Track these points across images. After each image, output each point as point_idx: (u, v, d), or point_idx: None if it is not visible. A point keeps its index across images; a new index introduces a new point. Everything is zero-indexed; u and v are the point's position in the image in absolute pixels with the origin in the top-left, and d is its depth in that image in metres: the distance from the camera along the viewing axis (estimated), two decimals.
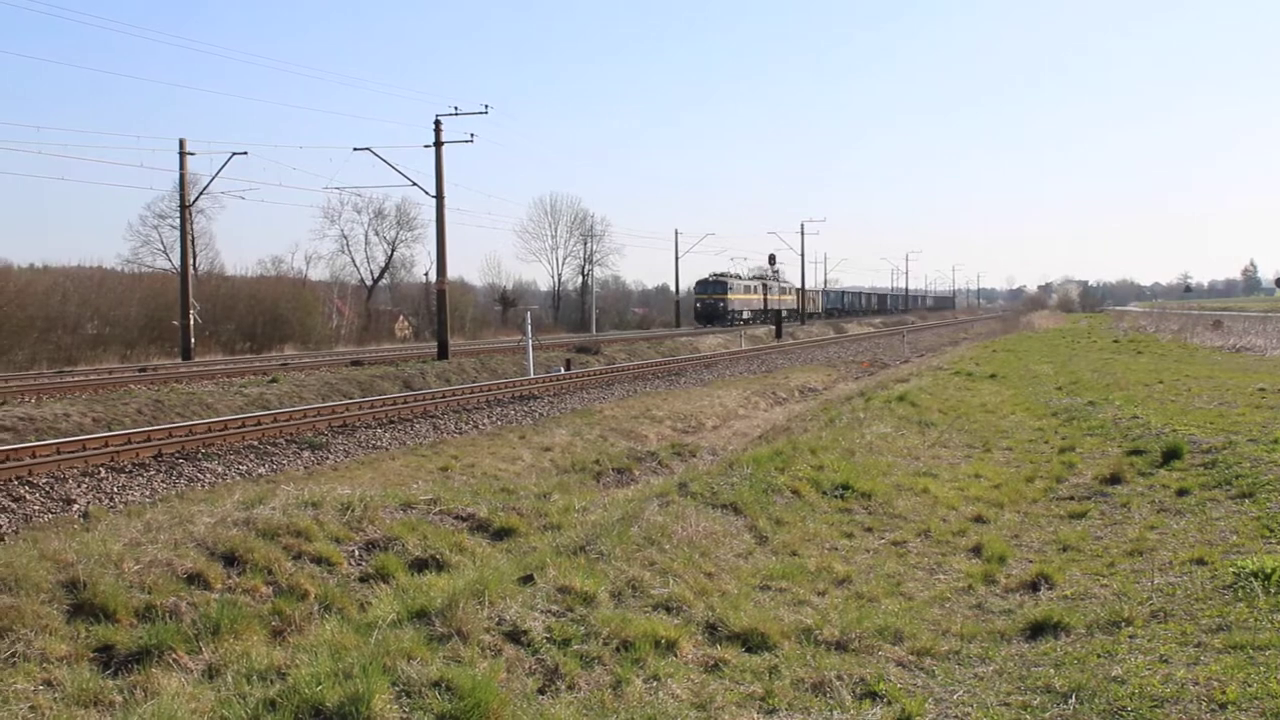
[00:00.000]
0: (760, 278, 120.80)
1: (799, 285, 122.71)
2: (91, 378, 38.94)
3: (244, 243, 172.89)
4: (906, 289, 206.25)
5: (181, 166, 56.58)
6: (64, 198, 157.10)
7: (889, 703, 8.53)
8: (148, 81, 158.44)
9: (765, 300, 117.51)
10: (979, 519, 15.12)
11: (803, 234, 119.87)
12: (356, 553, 12.50)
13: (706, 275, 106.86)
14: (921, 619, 10.65)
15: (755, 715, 8.31)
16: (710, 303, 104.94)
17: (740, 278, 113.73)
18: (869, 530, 14.55)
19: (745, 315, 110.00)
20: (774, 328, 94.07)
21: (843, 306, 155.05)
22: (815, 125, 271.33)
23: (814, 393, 42.51)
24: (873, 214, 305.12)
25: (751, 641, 9.84)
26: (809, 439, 20.56)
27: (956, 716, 8.26)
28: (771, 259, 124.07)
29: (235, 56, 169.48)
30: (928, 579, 12.28)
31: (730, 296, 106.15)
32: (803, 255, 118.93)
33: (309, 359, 47.38)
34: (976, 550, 13.28)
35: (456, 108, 51.38)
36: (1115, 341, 65.81)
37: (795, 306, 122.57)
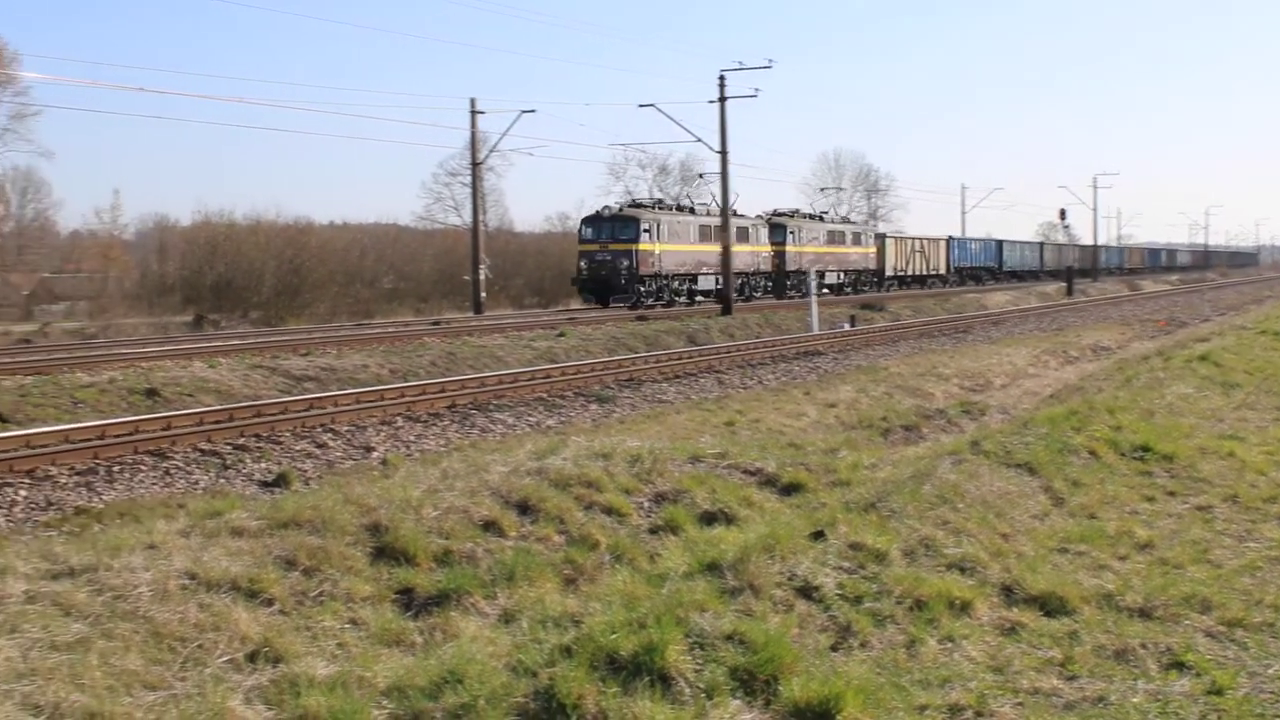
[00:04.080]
0: (847, 224, 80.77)
1: (1082, 241, 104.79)
2: (388, 330, 40.33)
3: (532, 199, 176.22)
4: (1206, 244, 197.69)
5: (472, 125, 57.94)
6: (361, 157, 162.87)
7: (1198, 674, 8.13)
8: (440, 42, 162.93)
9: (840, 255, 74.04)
10: None
11: (1095, 188, 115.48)
12: (646, 504, 12.57)
13: (607, 207, 57.46)
14: (1231, 588, 10.12)
15: (1055, 681, 8.03)
16: (600, 260, 54.34)
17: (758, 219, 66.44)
18: (1171, 494, 13.93)
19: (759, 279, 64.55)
20: (1065, 284, 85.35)
21: (1122, 263, 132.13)
22: (1110, 74, 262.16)
23: (1107, 351, 41.11)
24: (1166, 167, 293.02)
25: (1049, 605, 9.53)
26: (1105, 398, 19.84)
27: (1273, 692, 7.81)
28: (1062, 214, 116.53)
29: (523, 15, 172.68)
30: (1236, 546, 11.69)
31: (643, 248, 53.68)
32: (1095, 209, 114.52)
33: (595, 313, 48.13)
34: None
35: (740, 62, 50.84)
36: None
37: (874, 266, 78.33)
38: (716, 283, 57.10)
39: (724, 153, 51.79)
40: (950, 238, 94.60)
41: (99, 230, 73.51)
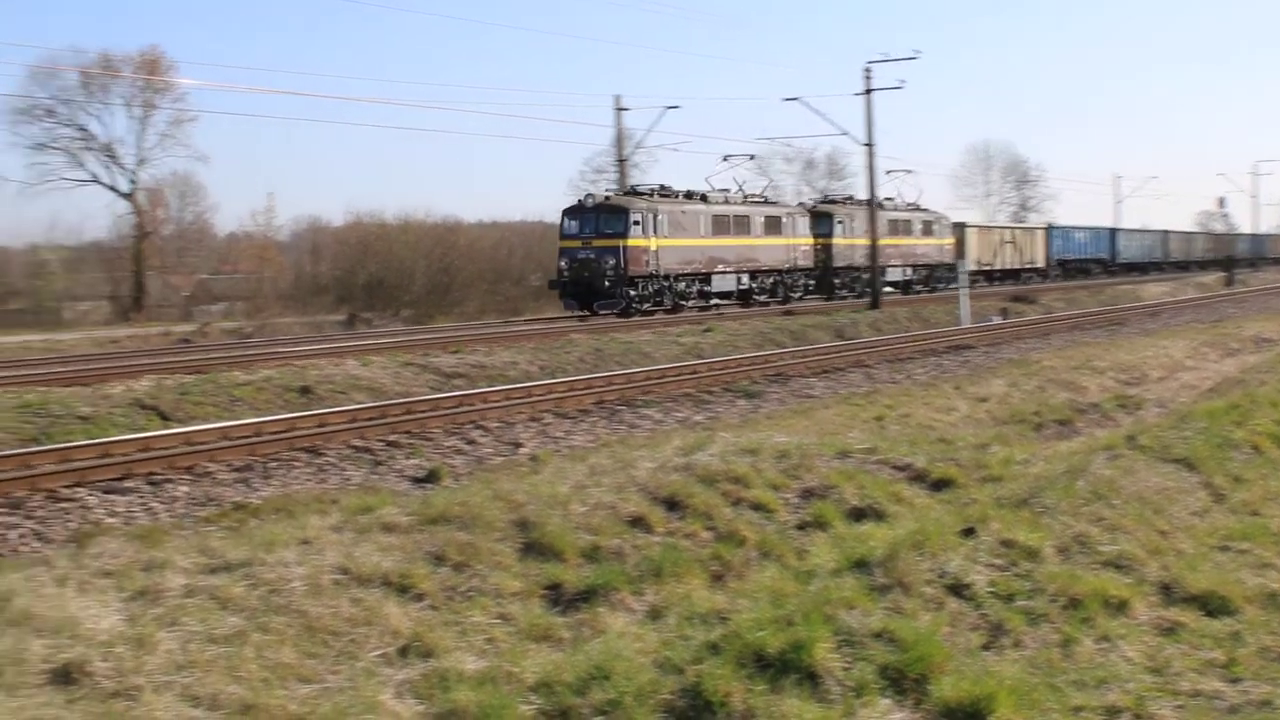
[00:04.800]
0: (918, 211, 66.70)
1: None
2: (536, 327, 40.64)
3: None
4: None
5: (617, 122, 58.04)
6: (508, 155, 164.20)
7: None
8: (585, 40, 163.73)
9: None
10: None
11: (1255, 175, 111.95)
12: (793, 500, 12.48)
13: (590, 195, 47.88)
14: None
15: (1217, 683, 7.82)
16: (582, 259, 45.71)
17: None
18: None
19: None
20: (1224, 274, 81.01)
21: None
22: (1272, 58, 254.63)
23: (1269, 344, 39.92)
24: None
25: (1210, 605, 9.28)
26: (1268, 391, 19.28)
27: None
28: (1221, 202, 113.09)
29: (667, 11, 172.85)
30: None
31: (633, 243, 45.28)
32: (1255, 197, 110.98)
33: (740, 309, 48.00)
34: None
35: (886, 54, 50.31)
36: None
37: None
38: (738, 282, 50.82)
39: (870, 145, 51.31)
40: (1050, 226, 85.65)
41: (254, 232, 75.27)
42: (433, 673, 7.72)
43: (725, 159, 56.46)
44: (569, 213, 46.77)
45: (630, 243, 45.10)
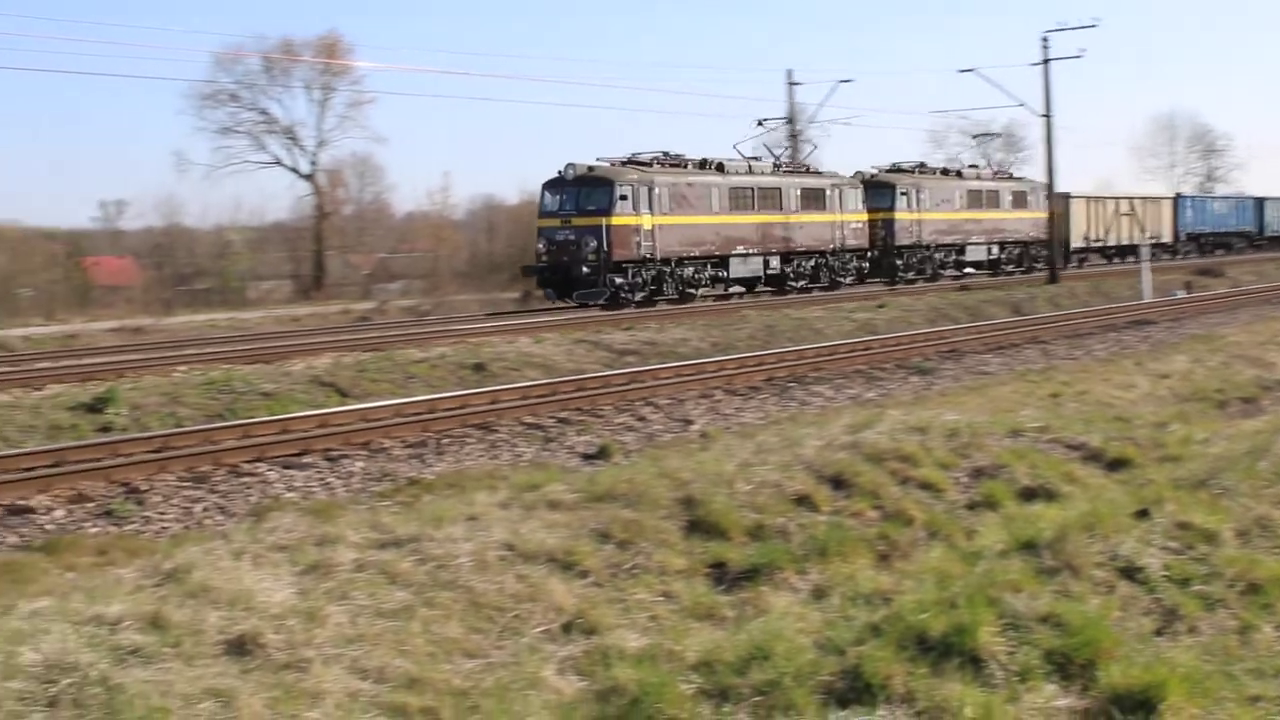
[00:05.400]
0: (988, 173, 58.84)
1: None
2: (708, 304, 40.63)
3: (851, 169, 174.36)
4: None
5: (790, 96, 57.71)
6: (677, 130, 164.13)
7: None
8: (756, 14, 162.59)
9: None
10: None
11: None
12: (963, 480, 12.29)
13: (570, 165, 39.56)
14: None
15: None
16: (560, 240, 38.96)
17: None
18: None
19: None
20: None
21: None
22: None
23: None
24: None
25: None
26: None
27: None
28: None
29: None
30: None
31: (619, 221, 38.49)
32: None
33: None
34: None
35: (1064, 23, 48.74)
36: None
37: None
38: (765, 266, 44.11)
39: (1048, 116, 50.31)
40: (1179, 195, 75.20)
41: (431, 211, 76.46)
42: (595, 649, 7.78)
43: (760, 123, 49.97)
44: (548, 186, 39.87)
45: (615, 221, 38.13)
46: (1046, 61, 49.66)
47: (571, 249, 37.93)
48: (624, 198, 38.34)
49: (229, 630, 7.24)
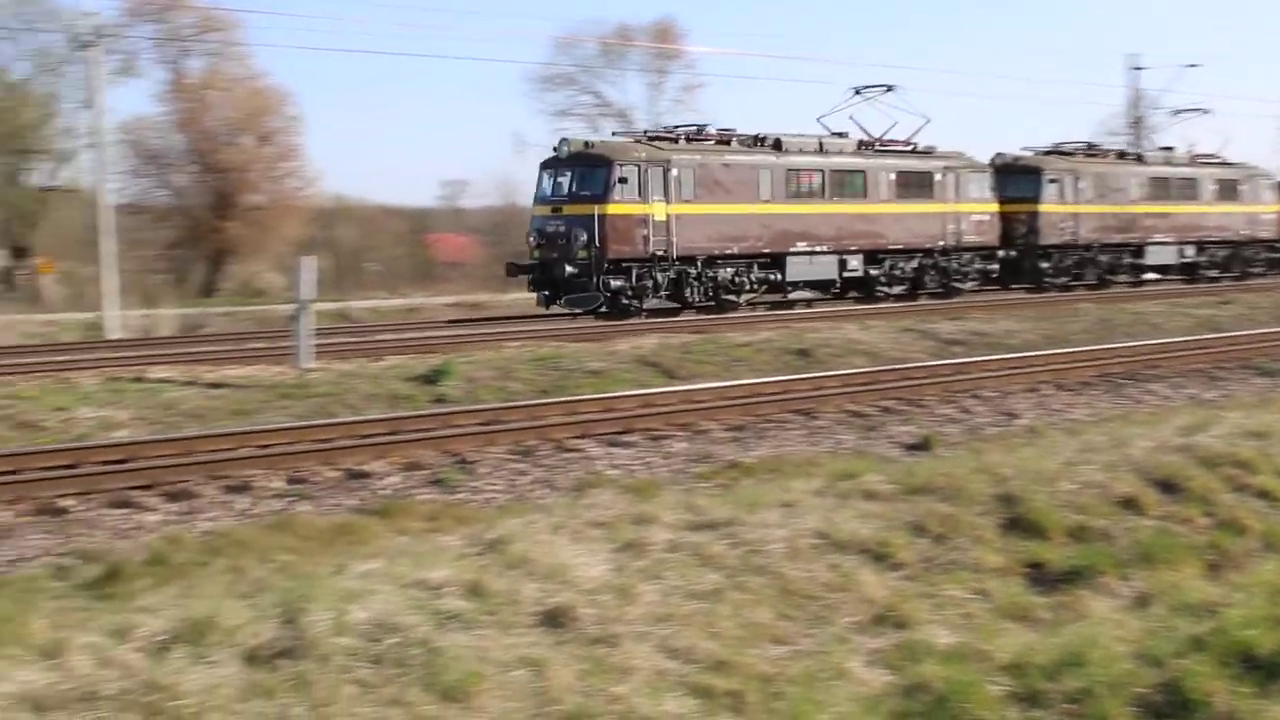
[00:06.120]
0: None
1: None
2: (1042, 295, 39.56)
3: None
4: None
5: (1132, 82, 55.52)
6: (1005, 118, 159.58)
7: None
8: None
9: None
10: None
11: None
12: None
13: (564, 141, 32.03)
14: None
15: None
16: (549, 233, 30.95)
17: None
18: None
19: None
20: None
21: None
22: None
23: None
24: None
25: None
26: None
27: None
28: None
29: None
30: None
31: (617, 210, 30.42)
32: None
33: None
34: None
35: None
36: None
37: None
38: (841, 267, 35.64)
39: None
40: None
41: None
42: (904, 644, 7.73)
43: (857, 92, 39.68)
44: (545, 166, 32.45)
45: (612, 209, 30.45)
46: None
47: (560, 243, 30.40)
48: (623, 181, 30.58)
49: (544, 602, 7.48)
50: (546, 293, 31.02)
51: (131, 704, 5.92)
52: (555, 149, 31.71)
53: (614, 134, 32.06)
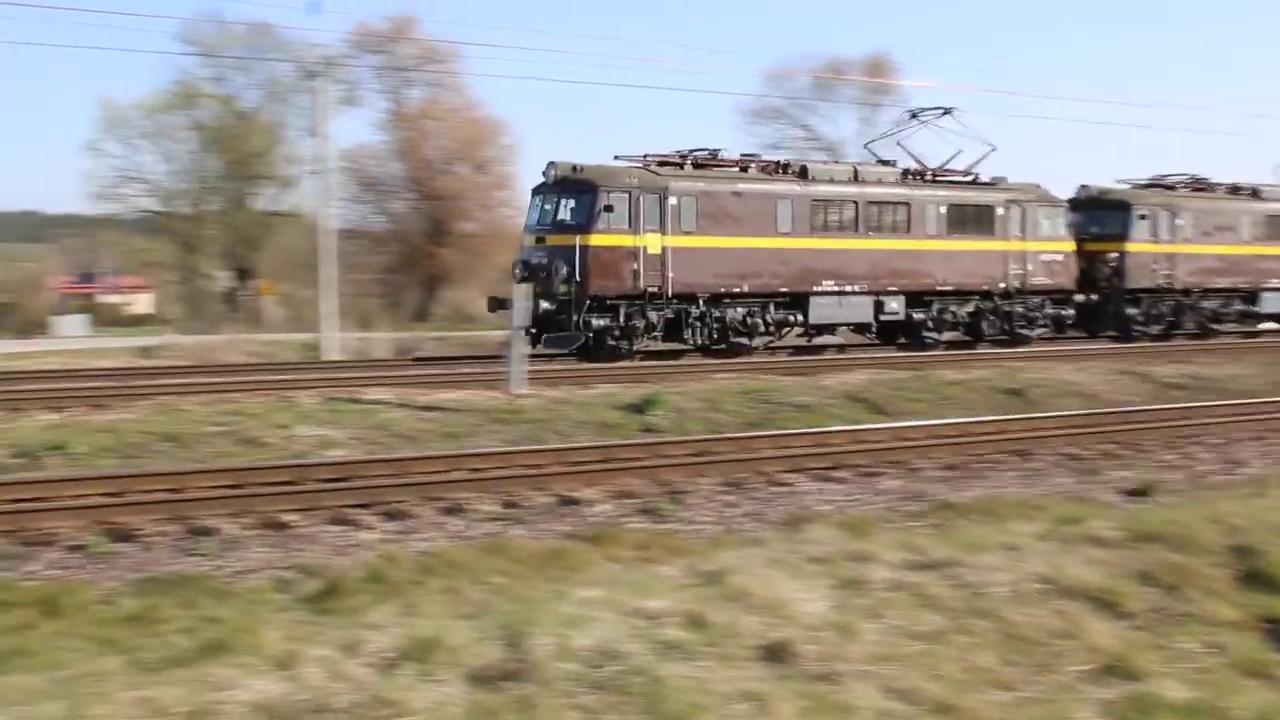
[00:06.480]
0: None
1: None
2: (1266, 340, 38.15)
3: None
4: None
5: None
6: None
7: None
8: None
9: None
10: None
11: None
12: None
13: (551, 164, 28.55)
14: None
15: None
16: (534, 265, 27.74)
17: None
18: None
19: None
20: None
21: None
22: None
23: None
24: None
25: None
26: None
27: None
28: None
29: None
30: None
31: (601, 241, 27.61)
32: None
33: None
34: None
35: None
36: None
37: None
38: (879, 309, 31.98)
39: None
40: None
41: None
42: (1136, 696, 7.44)
43: (913, 115, 36.59)
44: (535, 191, 29.60)
45: (596, 240, 27.53)
46: None
47: (542, 276, 27.28)
48: (609, 209, 27.60)
49: (765, 636, 7.40)
50: (533, 330, 26.20)
51: (362, 717, 6.01)
52: (543, 173, 28.87)
53: (615, 158, 29.44)
